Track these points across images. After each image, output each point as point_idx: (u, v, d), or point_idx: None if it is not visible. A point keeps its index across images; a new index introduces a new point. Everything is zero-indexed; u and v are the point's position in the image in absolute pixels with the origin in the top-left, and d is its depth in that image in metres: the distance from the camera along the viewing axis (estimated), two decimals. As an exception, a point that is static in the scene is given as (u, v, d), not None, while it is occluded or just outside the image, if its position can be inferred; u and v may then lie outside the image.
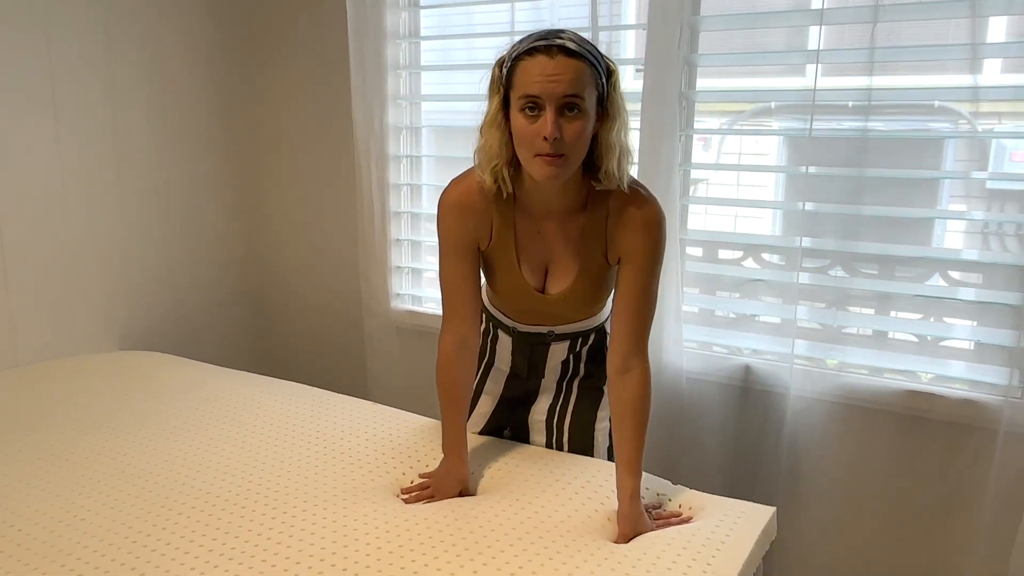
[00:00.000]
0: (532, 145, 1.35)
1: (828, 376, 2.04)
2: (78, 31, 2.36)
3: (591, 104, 1.36)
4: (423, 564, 1.31)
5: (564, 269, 1.55)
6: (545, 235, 1.53)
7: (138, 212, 2.60)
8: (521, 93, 1.34)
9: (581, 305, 1.61)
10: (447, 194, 1.55)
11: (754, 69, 2.19)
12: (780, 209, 2.24)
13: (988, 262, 1.93)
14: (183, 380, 2.17)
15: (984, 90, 1.84)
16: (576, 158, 1.39)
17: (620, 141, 1.42)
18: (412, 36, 2.53)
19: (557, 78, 1.31)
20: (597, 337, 1.73)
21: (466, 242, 1.55)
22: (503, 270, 1.58)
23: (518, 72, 1.35)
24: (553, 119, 1.32)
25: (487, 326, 1.78)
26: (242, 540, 1.39)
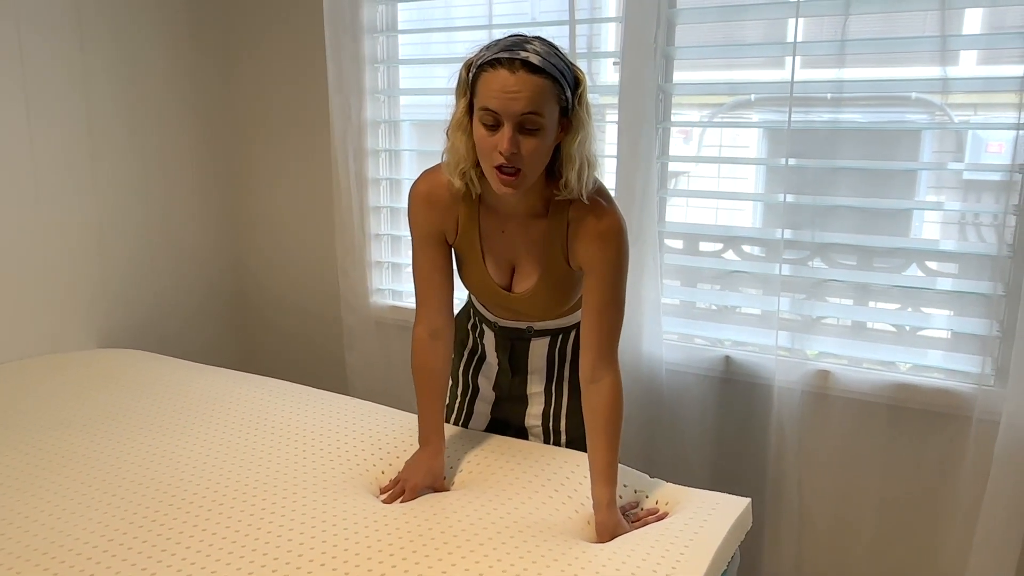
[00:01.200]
0: (490, 157, 1.36)
1: (808, 366, 2.05)
2: (50, 24, 2.33)
3: (551, 120, 1.35)
4: (391, 565, 1.30)
5: (528, 269, 1.56)
6: (508, 235, 1.54)
7: (115, 209, 2.58)
8: (482, 105, 1.34)
9: (547, 305, 1.61)
10: (416, 186, 1.57)
11: (732, 61, 2.19)
12: (759, 201, 2.24)
13: (964, 252, 1.94)
14: (160, 377, 2.16)
15: (959, 81, 1.87)
16: (533, 172, 1.39)
17: (582, 153, 1.41)
18: (389, 30, 2.52)
19: (517, 95, 1.30)
20: (578, 335, 1.72)
21: (434, 234, 1.56)
22: (470, 265, 1.60)
23: (480, 82, 1.34)
24: (510, 136, 1.32)
25: (473, 320, 1.79)
26: (219, 536, 1.39)
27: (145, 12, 2.58)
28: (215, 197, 2.93)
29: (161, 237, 2.75)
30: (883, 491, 2.05)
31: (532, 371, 1.75)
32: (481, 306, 1.73)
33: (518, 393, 1.77)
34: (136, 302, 2.69)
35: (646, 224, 2.06)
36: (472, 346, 1.81)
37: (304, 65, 2.67)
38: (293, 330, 2.99)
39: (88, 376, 2.18)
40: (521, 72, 1.30)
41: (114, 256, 2.60)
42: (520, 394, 1.77)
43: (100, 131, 2.51)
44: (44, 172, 2.37)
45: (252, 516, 1.45)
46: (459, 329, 1.82)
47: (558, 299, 1.60)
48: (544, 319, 1.67)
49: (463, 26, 2.52)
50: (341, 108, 2.48)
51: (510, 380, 1.77)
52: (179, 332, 2.84)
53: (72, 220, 2.46)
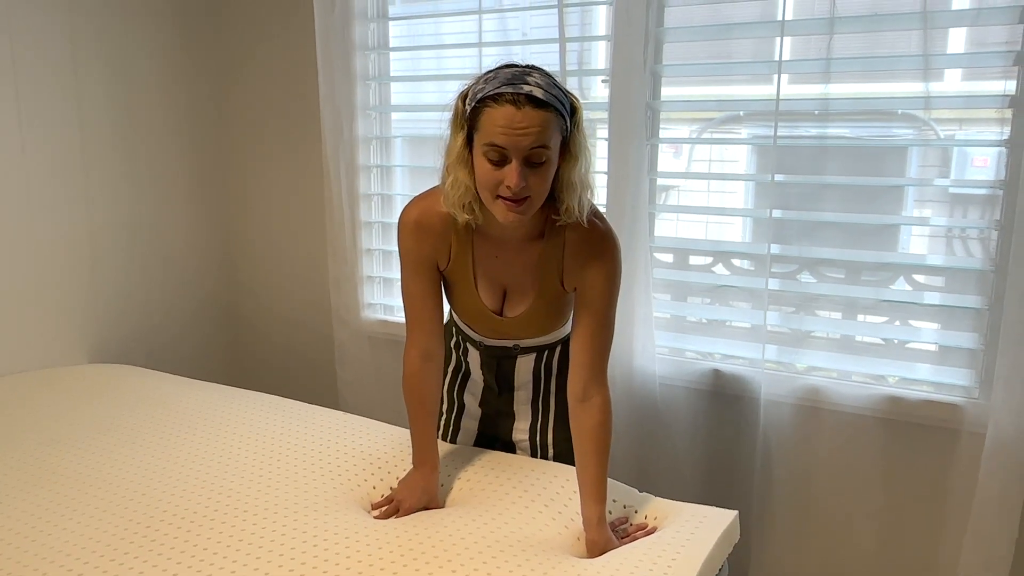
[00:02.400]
0: (494, 190, 1.36)
1: (797, 380, 2.06)
2: (43, 41, 2.34)
3: (556, 151, 1.36)
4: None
5: (521, 293, 1.57)
6: (502, 260, 1.55)
7: (106, 223, 2.59)
8: (487, 141, 1.33)
9: (539, 328, 1.63)
10: (407, 213, 1.55)
11: (720, 78, 2.22)
12: (748, 217, 2.26)
13: (951, 267, 1.96)
14: (152, 393, 2.16)
15: (943, 99, 1.90)
16: (539, 201, 1.39)
17: (582, 179, 1.42)
18: (381, 47, 2.54)
19: (526, 131, 1.30)
20: (564, 349, 1.73)
21: (424, 260, 1.56)
22: (461, 291, 1.60)
23: (483, 118, 1.33)
24: (518, 170, 1.32)
25: (457, 339, 1.79)
26: (210, 552, 1.39)
27: (137, 27, 2.60)
28: (207, 212, 2.94)
29: (152, 252, 2.75)
30: (872, 503, 2.06)
31: (518, 387, 1.75)
32: (466, 327, 1.73)
33: (505, 409, 1.78)
34: (127, 316, 2.69)
35: (637, 239, 2.08)
36: (456, 364, 1.81)
37: (296, 81, 2.69)
38: (285, 344, 2.99)
39: (78, 391, 2.18)
40: (527, 107, 1.30)
41: (105, 270, 2.60)
42: (507, 409, 1.78)
43: (92, 145, 2.51)
44: (36, 186, 2.38)
45: (243, 532, 1.45)
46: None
47: (550, 321, 1.62)
48: (533, 338, 1.68)
49: (454, 44, 2.54)
50: (333, 124, 2.50)
51: (497, 397, 1.77)
52: (170, 346, 2.84)
53: (63, 234, 2.47)
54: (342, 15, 2.42)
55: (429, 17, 2.55)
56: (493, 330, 1.65)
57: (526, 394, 1.76)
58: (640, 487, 1.67)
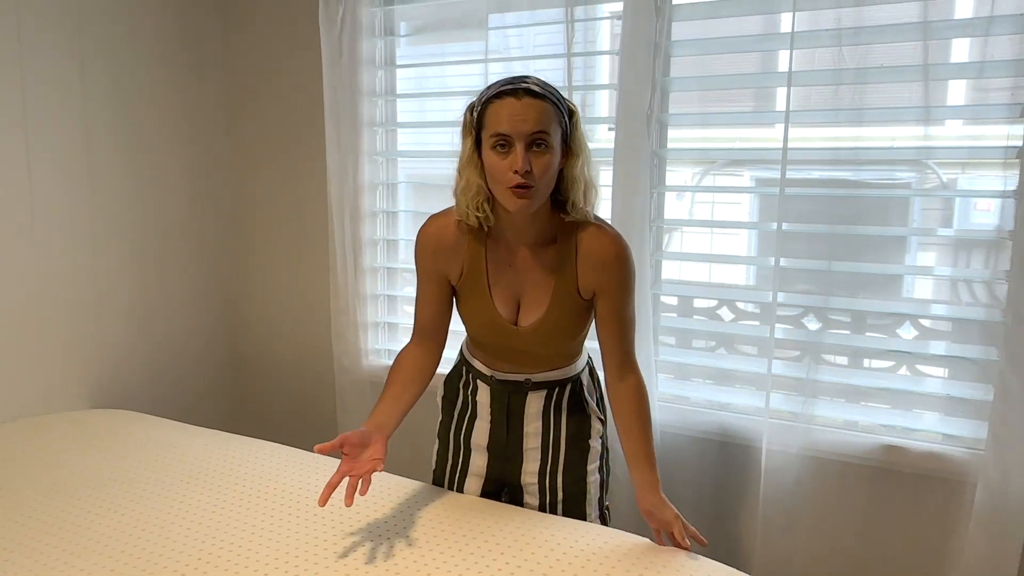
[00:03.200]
0: (504, 179, 1.46)
1: (801, 430, 2.05)
2: (53, 79, 2.36)
3: (556, 140, 1.48)
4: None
5: (536, 301, 1.62)
6: (517, 268, 1.62)
7: (111, 266, 2.58)
8: (492, 132, 1.46)
9: (553, 339, 1.65)
10: (424, 228, 1.67)
11: (722, 131, 2.23)
12: (752, 265, 2.27)
13: (955, 316, 1.96)
14: (152, 439, 2.13)
15: (944, 151, 1.91)
16: (545, 188, 1.50)
17: (584, 175, 1.55)
18: (388, 94, 2.57)
19: (525, 117, 1.44)
20: (575, 389, 1.74)
21: (436, 274, 1.66)
22: (475, 303, 1.65)
23: (489, 114, 1.47)
24: (523, 154, 1.44)
25: (466, 377, 1.79)
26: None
27: (147, 73, 2.62)
28: (211, 256, 2.93)
29: (156, 297, 2.74)
30: (875, 554, 2.03)
31: (528, 426, 1.74)
32: (477, 360, 1.74)
33: (513, 450, 1.76)
34: (130, 361, 2.67)
35: (641, 285, 2.07)
36: (462, 406, 1.80)
37: (305, 128, 2.70)
38: (287, 390, 2.97)
39: (80, 438, 2.15)
40: (526, 98, 1.45)
41: (109, 315, 2.59)
42: (516, 451, 1.76)
43: (100, 192, 2.52)
44: (42, 230, 2.38)
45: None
46: (450, 389, 1.84)
47: (565, 331, 1.65)
48: (545, 362, 1.69)
49: (460, 91, 2.56)
50: (338, 170, 2.51)
51: (505, 438, 1.76)
52: (173, 391, 2.81)
53: (67, 277, 2.46)
54: (349, 62, 2.44)
55: (436, 64, 2.58)
56: (506, 347, 1.67)
57: (536, 434, 1.74)
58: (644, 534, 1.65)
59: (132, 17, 2.56)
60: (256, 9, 2.77)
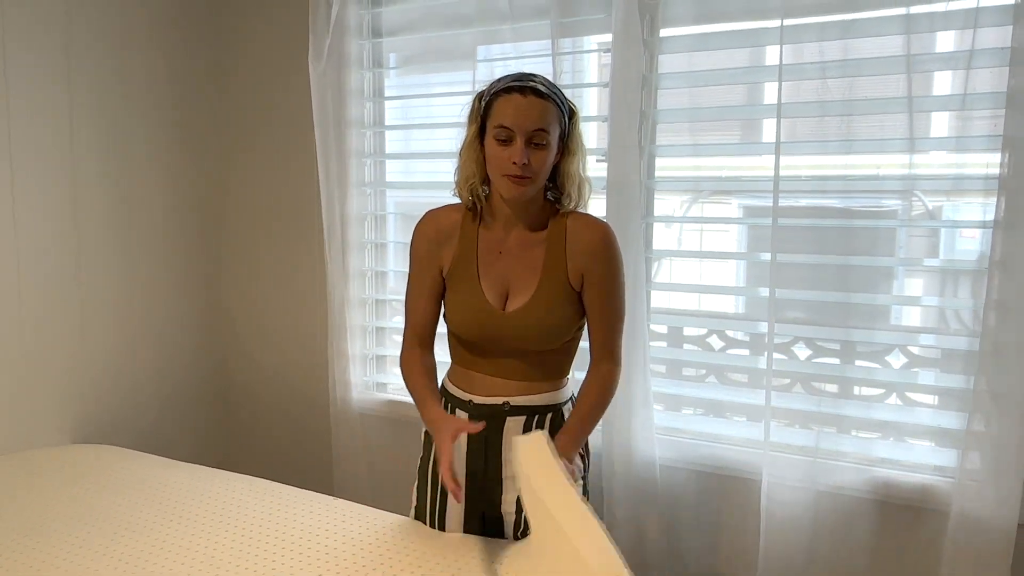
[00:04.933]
0: (503, 167, 1.58)
1: (799, 462, 2.03)
2: (40, 114, 2.34)
3: (554, 138, 1.60)
4: None
5: (524, 287, 1.68)
6: (507, 254, 1.70)
7: (94, 298, 2.54)
8: (496, 124, 1.58)
9: (539, 326, 1.66)
10: (422, 218, 1.78)
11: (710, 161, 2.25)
12: (742, 296, 2.28)
13: (943, 347, 1.97)
14: (136, 476, 2.09)
15: (929, 181, 1.93)
16: (539, 180, 1.62)
17: (579, 172, 1.67)
18: (377, 125, 2.57)
19: (528, 114, 1.56)
20: (555, 421, 1.73)
21: (429, 264, 1.74)
22: (464, 289, 1.70)
23: (495, 106, 1.59)
24: (522, 148, 1.55)
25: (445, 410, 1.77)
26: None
27: (135, 102, 2.61)
28: (199, 290, 2.90)
29: (142, 330, 2.71)
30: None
31: (506, 454, 1.72)
32: (456, 385, 1.76)
33: (492, 480, 1.74)
34: (114, 395, 2.63)
35: (636, 316, 2.06)
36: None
37: (293, 160, 2.70)
38: (276, 424, 2.93)
39: (62, 475, 2.11)
40: (531, 96, 1.57)
41: (93, 349, 2.55)
42: (494, 481, 1.74)
43: (85, 226, 2.49)
44: (26, 262, 2.34)
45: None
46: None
47: (550, 320, 1.67)
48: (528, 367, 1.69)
49: (450, 122, 2.57)
50: (329, 201, 2.50)
51: (484, 467, 1.74)
52: (158, 425, 2.76)
53: (51, 310, 2.42)
54: (337, 94, 2.45)
55: (424, 96, 2.59)
56: (491, 339, 1.68)
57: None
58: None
59: (120, 40, 2.55)
60: (246, 41, 2.78)
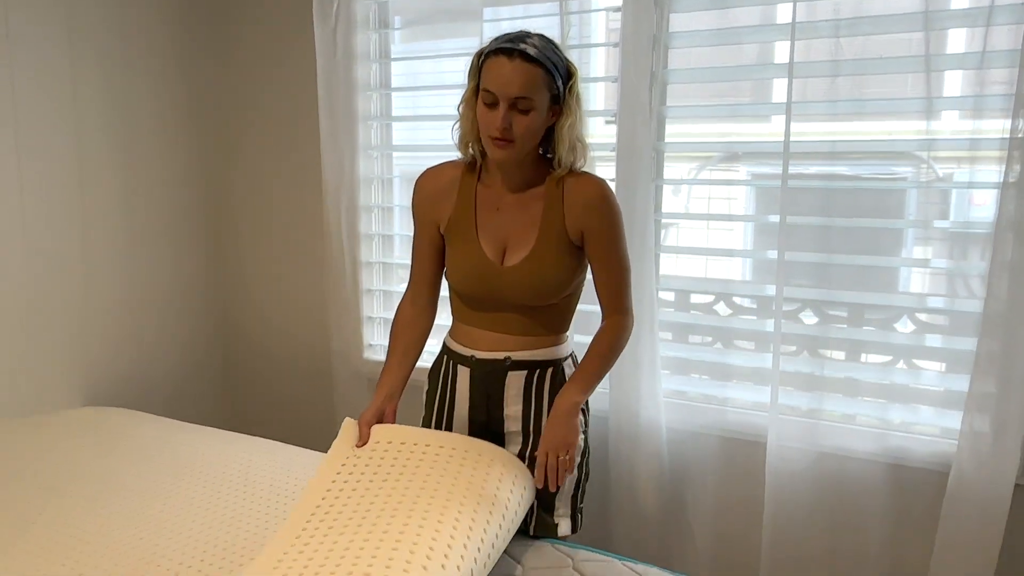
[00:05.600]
0: (488, 130, 1.59)
1: (801, 424, 2.05)
2: (44, 75, 2.34)
3: (542, 103, 1.57)
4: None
5: (522, 242, 1.68)
6: (504, 212, 1.70)
7: (104, 264, 2.56)
8: (484, 87, 1.58)
9: (538, 281, 1.67)
10: (420, 175, 1.80)
11: (720, 125, 2.23)
12: (749, 258, 2.27)
13: (951, 309, 1.97)
14: (147, 437, 2.12)
15: (943, 142, 1.90)
16: (523, 145, 1.60)
17: (571, 135, 1.64)
18: (383, 87, 2.55)
19: (511, 80, 1.54)
20: (556, 375, 1.75)
21: (428, 220, 1.77)
22: (462, 246, 1.72)
23: (484, 68, 1.58)
24: (504, 113, 1.55)
25: (446, 366, 1.81)
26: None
27: (139, 66, 2.59)
28: (206, 253, 2.91)
29: (149, 293, 2.72)
30: (881, 549, 2.04)
31: (508, 408, 1.75)
32: (457, 341, 1.77)
33: (494, 432, 1.77)
34: (123, 358, 2.65)
35: (643, 279, 2.06)
36: (441, 398, 1.82)
37: (299, 123, 2.69)
38: (283, 386, 2.95)
39: (73, 435, 2.14)
40: (517, 60, 1.53)
41: (101, 312, 2.56)
42: (496, 436, 1.77)
43: (92, 190, 2.49)
44: (33, 228, 2.35)
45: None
46: (432, 382, 1.86)
47: (549, 274, 1.68)
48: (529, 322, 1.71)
49: (456, 84, 2.54)
50: (334, 164, 2.49)
51: (485, 421, 1.76)
52: (166, 388, 2.79)
53: (61, 276, 2.43)
54: (344, 56, 2.43)
55: (430, 58, 2.57)
56: (491, 294, 1.70)
57: (516, 418, 1.75)
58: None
59: (123, 12, 2.53)
60: (250, 4, 2.74)
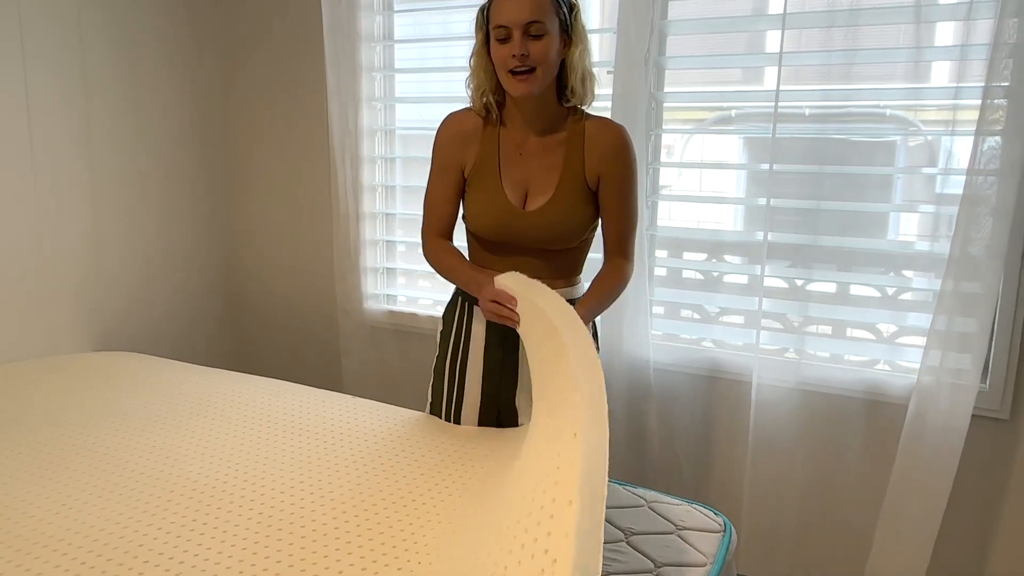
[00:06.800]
0: (506, 64, 1.62)
1: (790, 364, 2.13)
2: (52, 25, 2.36)
3: (554, 28, 1.62)
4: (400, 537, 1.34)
5: (543, 187, 1.73)
6: (527, 155, 1.75)
7: (111, 213, 2.60)
8: (495, 24, 1.62)
9: (559, 223, 1.72)
10: (445, 120, 1.82)
11: (717, 76, 2.28)
12: (743, 204, 2.33)
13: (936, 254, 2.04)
14: (158, 377, 2.18)
15: (930, 91, 1.97)
16: (544, 72, 1.63)
17: (582, 63, 1.69)
18: (386, 39, 2.59)
19: (521, 6, 1.59)
20: None
21: (452, 163, 1.79)
22: (486, 189, 1.76)
23: (492, 9, 1.64)
24: (520, 40, 1.59)
25: (461, 307, 1.86)
26: (222, 521, 1.42)
27: (147, 20, 2.62)
28: (213, 201, 2.96)
29: (158, 241, 2.77)
30: (855, 480, 2.14)
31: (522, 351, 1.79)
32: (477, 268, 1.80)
33: (508, 373, 1.83)
34: (130, 307, 2.71)
35: (640, 227, 2.12)
36: (456, 338, 1.87)
37: (303, 74, 2.73)
38: (288, 333, 3.02)
39: (89, 377, 2.19)
40: None
41: (109, 261, 2.62)
42: (510, 374, 1.83)
43: (99, 137, 2.53)
44: (43, 179, 2.39)
45: (260, 504, 1.48)
46: (447, 323, 1.90)
47: (568, 218, 1.73)
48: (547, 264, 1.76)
49: (459, 35, 2.58)
50: (339, 116, 2.53)
51: (500, 361, 1.82)
52: (173, 336, 2.85)
53: (68, 224, 2.48)
54: (348, 7, 2.46)
55: (434, 10, 2.60)
56: (511, 236, 1.74)
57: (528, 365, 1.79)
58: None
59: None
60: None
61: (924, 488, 1.95)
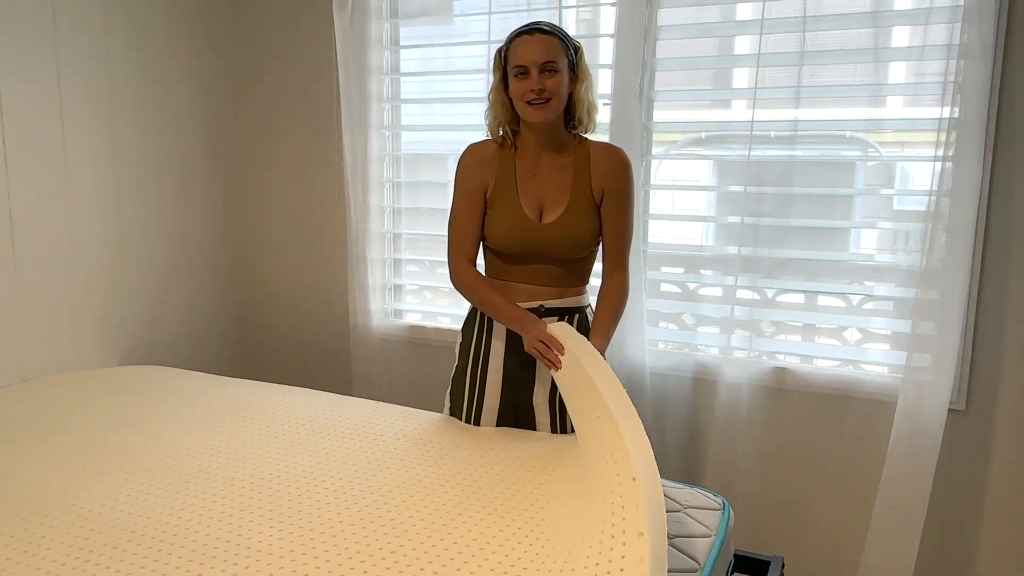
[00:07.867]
0: (524, 96, 1.88)
1: (762, 364, 2.37)
2: (84, 52, 2.51)
3: (564, 67, 1.89)
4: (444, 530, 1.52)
5: (557, 202, 1.96)
6: (540, 176, 1.97)
7: (132, 230, 2.73)
8: (513, 64, 1.88)
9: (572, 234, 1.94)
10: (465, 151, 2.04)
11: (691, 103, 2.53)
12: (714, 222, 2.55)
13: (900, 266, 2.28)
14: (187, 388, 2.31)
15: (888, 122, 2.23)
16: (557, 103, 1.89)
17: (588, 97, 1.96)
18: (394, 72, 2.79)
19: (536, 49, 1.86)
20: (582, 320, 2.01)
21: (474, 188, 2.00)
22: (505, 207, 1.97)
23: (511, 51, 1.90)
24: (536, 76, 1.86)
25: (480, 318, 2.05)
26: (274, 514, 1.55)
27: (169, 49, 2.79)
28: (226, 221, 3.10)
29: (173, 260, 2.90)
30: (824, 472, 2.38)
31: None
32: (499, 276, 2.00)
33: (526, 375, 2.02)
34: (150, 322, 2.82)
35: (634, 244, 2.33)
36: (476, 347, 2.05)
37: (312, 100, 2.90)
38: (300, 349, 3.14)
39: (124, 388, 2.31)
40: (538, 35, 1.87)
41: (130, 278, 2.73)
42: (528, 376, 2.02)
43: (124, 163, 2.67)
44: (75, 202, 2.51)
45: (306, 495, 1.63)
46: (467, 335, 2.08)
47: (580, 229, 1.95)
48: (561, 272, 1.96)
49: (463, 69, 2.78)
50: (350, 143, 2.72)
51: (519, 364, 2.01)
52: (187, 352, 2.97)
53: (94, 242, 2.60)
54: (358, 42, 2.66)
55: (437, 46, 2.81)
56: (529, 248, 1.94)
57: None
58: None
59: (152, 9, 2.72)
60: None
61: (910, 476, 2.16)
